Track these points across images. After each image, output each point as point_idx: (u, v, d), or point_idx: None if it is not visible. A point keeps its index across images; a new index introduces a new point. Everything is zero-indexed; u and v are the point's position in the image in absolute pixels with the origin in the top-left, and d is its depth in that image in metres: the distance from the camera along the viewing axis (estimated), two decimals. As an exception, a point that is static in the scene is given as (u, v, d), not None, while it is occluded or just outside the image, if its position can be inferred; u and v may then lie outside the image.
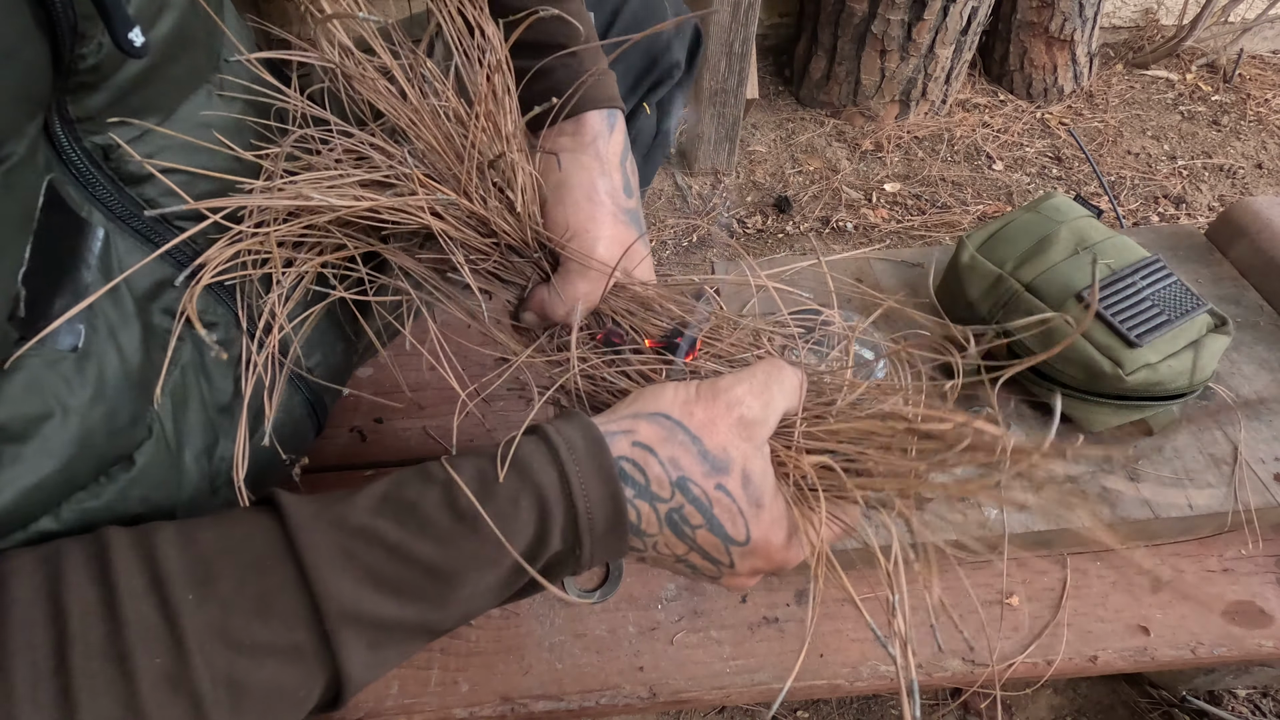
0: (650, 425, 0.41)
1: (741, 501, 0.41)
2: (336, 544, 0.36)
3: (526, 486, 0.39)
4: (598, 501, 0.39)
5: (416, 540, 0.37)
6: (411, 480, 0.39)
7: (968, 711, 1.03)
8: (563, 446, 0.40)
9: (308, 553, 0.35)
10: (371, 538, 0.37)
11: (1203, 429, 0.74)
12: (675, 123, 0.85)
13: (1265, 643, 0.65)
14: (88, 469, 0.39)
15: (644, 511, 0.40)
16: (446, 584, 0.37)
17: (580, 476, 0.39)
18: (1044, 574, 0.68)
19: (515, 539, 0.38)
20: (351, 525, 0.37)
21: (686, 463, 0.40)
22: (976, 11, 1.79)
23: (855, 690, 0.63)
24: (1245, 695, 1.04)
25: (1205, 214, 1.74)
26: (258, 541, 0.36)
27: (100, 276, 0.41)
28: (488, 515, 0.38)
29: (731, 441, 0.41)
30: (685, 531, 0.41)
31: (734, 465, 0.41)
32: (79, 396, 0.38)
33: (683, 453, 0.41)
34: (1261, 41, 2.18)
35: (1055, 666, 0.63)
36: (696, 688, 0.62)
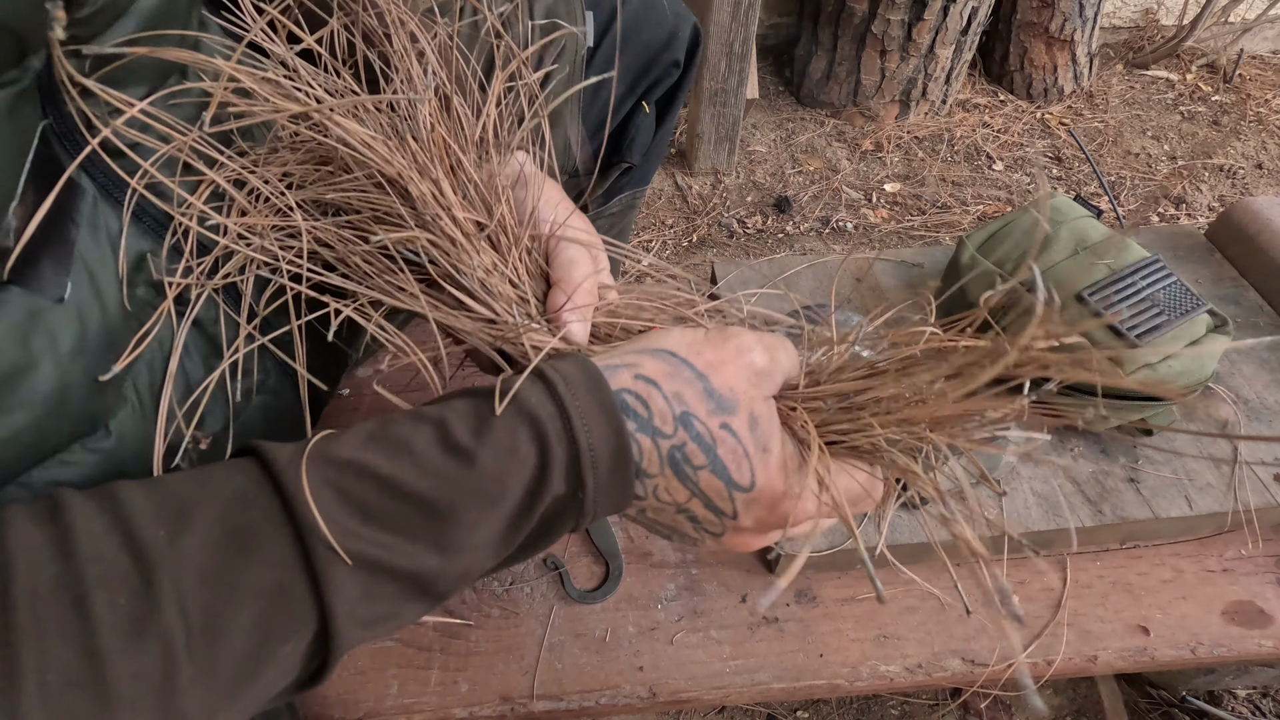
0: (655, 360, 0.39)
1: (748, 443, 0.39)
2: (323, 477, 0.34)
3: (524, 421, 0.37)
4: (600, 437, 0.37)
5: (410, 473, 0.35)
6: (400, 420, 0.37)
7: (968, 711, 1.03)
8: (560, 382, 0.38)
9: (291, 485, 0.33)
10: (361, 470, 0.34)
11: (1203, 429, 0.74)
12: (675, 122, 0.85)
13: (1265, 643, 0.65)
14: (62, 429, 0.39)
15: (645, 447, 0.38)
16: (443, 522, 0.35)
17: (580, 410, 0.37)
18: (1044, 574, 0.68)
19: (514, 476, 0.36)
20: (339, 458, 0.35)
21: (691, 398, 0.38)
22: (976, 11, 1.79)
23: (855, 690, 0.63)
24: (1245, 695, 1.04)
25: (1205, 214, 1.74)
26: (237, 480, 0.34)
27: (89, 236, 0.41)
28: (484, 450, 0.36)
29: (739, 383, 0.39)
30: (687, 472, 0.39)
31: (740, 406, 0.39)
32: (59, 348, 0.38)
33: (687, 388, 0.39)
34: (1261, 41, 2.18)
35: (1055, 666, 0.63)
36: (696, 688, 0.62)
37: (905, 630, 0.65)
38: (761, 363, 0.41)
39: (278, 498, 0.33)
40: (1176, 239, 0.95)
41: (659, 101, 0.80)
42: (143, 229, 0.45)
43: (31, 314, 0.37)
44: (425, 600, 0.37)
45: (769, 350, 0.41)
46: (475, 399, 0.38)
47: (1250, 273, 0.89)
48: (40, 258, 0.37)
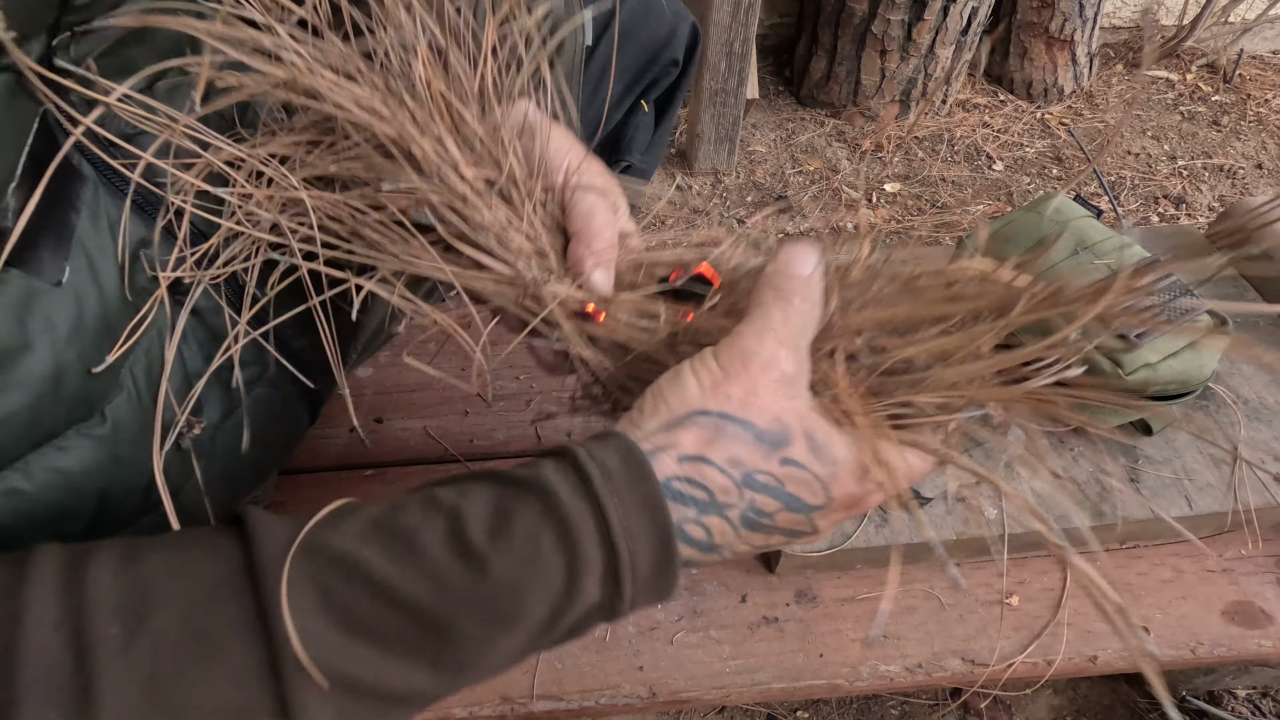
0: (691, 430, 0.35)
1: (815, 468, 0.35)
2: (308, 574, 0.30)
3: (550, 523, 0.32)
4: (642, 541, 0.32)
5: (408, 577, 0.30)
6: (412, 504, 0.33)
7: (968, 711, 1.03)
8: (597, 475, 0.33)
9: (268, 581, 0.29)
10: (353, 570, 0.30)
11: (1202, 429, 0.74)
12: (674, 121, 0.85)
13: (1265, 643, 0.65)
14: (57, 413, 0.39)
15: (714, 526, 0.35)
16: (441, 639, 0.31)
17: (621, 511, 0.32)
18: (1044, 574, 0.68)
19: (535, 592, 0.31)
20: (331, 552, 0.30)
21: (746, 455, 0.34)
22: (976, 12, 1.79)
23: (855, 690, 0.63)
24: (1245, 695, 1.04)
25: (1205, 214, 1.74)
26: (212, 566, 0.30)
27: (89, 223, 0.41)
28: (500, 556, 0.31)
29: (781, 407, 0.35)
30: (763, 523, 0.35)
31: (794, 433, 0.35)
32: (55, 331, 0.38)
33: (738, 446, 0.34)
34: (1261, 41, 2.18)
35: (1055, 666, 0.63)
36: (696, 687, 0.62)
37: (905, 630, 0.65)
38: (790, 367, 0.36)
39: (252, 598, 0.29)
40: (1176, 239, 0.95)
41: (658, 100, 0.80)
42: (145, 218, 0.45)
43: (28, 296, 0.37)
44: (412, 711, 0.33)
45: (790, 340, 0.36)
46: (499, 486, 0.33)
47: (1250, 273, 0.89)
48: (40, 241, 0.38)
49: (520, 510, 0.32)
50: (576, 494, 0.32)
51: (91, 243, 0.41)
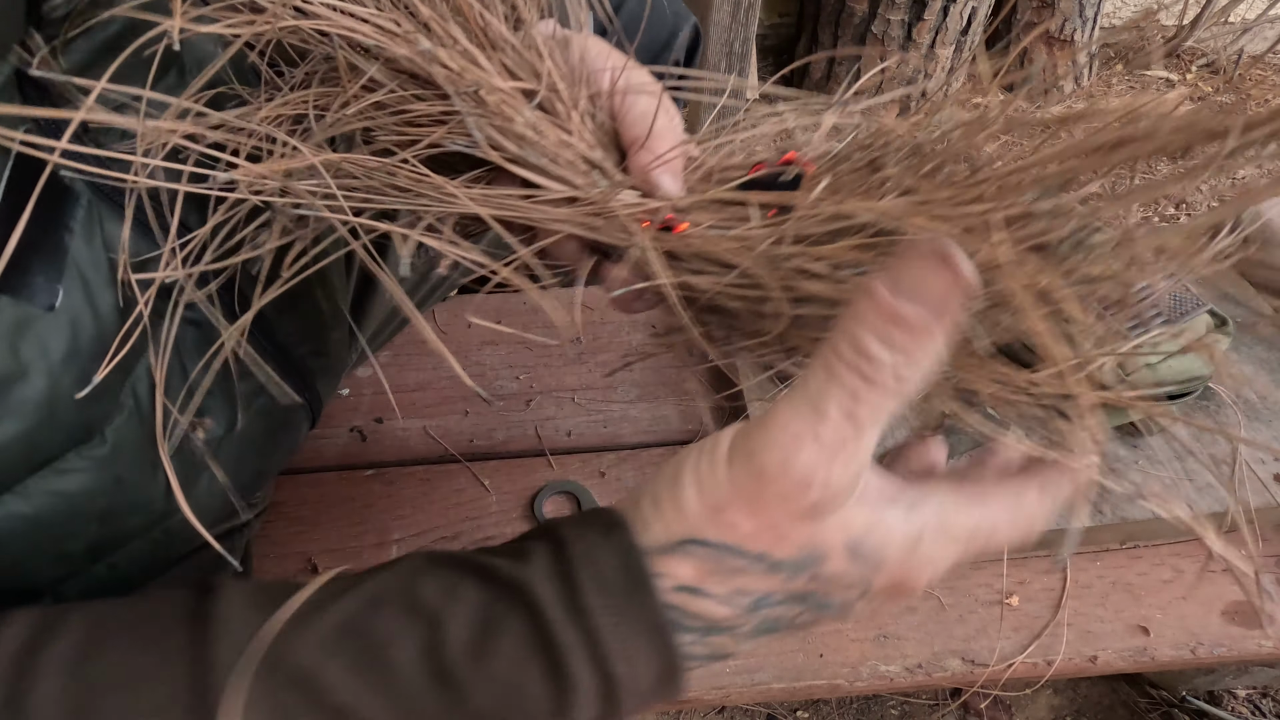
0: (684, 562, 0.28)
1: (852, 574, 0.29)
2: (268, 693, 0.27)
3: (536, 650, 0.28)
4: (643, 664, 0.28)
5: (376, 703, 0.28)
6: (390, 604, 0.29)
7: (968, 711, 1.03)
8: (592, 590, 0.28)
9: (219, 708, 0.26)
10: (312, 690, 0.27)
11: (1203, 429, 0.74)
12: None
13: (1265, 643, 0.65)
14: (54, 438, 0.39)
15: (717, 643, 0.30)
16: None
17: (615, 634, 0.28)
18: (1044, 574, 0.68)
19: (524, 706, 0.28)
20: (292, 668, 0.28)
21: (756, 584, 0.28)
22: (976, 11, 1.79)
23: (855, 690, 0.63)
24: (1245, 695, 1.04)
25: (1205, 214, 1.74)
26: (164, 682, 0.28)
27: (83, 242, 0.40)
28: (480, 682, 0.28)
29: (813, 533, 0.28)
30: (783, 626, 0.30)
31: (830, 550, 0.28)
32: (50, 356, 0.37)
33: (745, 579, 0.28)
34: (1261, 42, 2.18)
35: (1055, 667, 0.63)
36: (696, 687, 0.62)
37: (905, 630, 0.65)
38: (831, 491, 0.27)
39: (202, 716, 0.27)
40: (1176, 239, 0.95)
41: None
42: (141, 231, 0.44)
43: (21, 323, 0.36)
44: None
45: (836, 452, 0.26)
46: (487, 591, 0.29)
47: (1250, 273, 0.89)
48: (31, 265, 0.37)
49: (506, 627, 0.28)
50: (568, 613, 0.28)
51: (86, 263, 0.40)
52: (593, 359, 0.84)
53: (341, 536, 0.69)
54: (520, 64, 0.39)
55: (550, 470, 0.74)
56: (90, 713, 0.27)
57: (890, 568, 0.29)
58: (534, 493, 0.72)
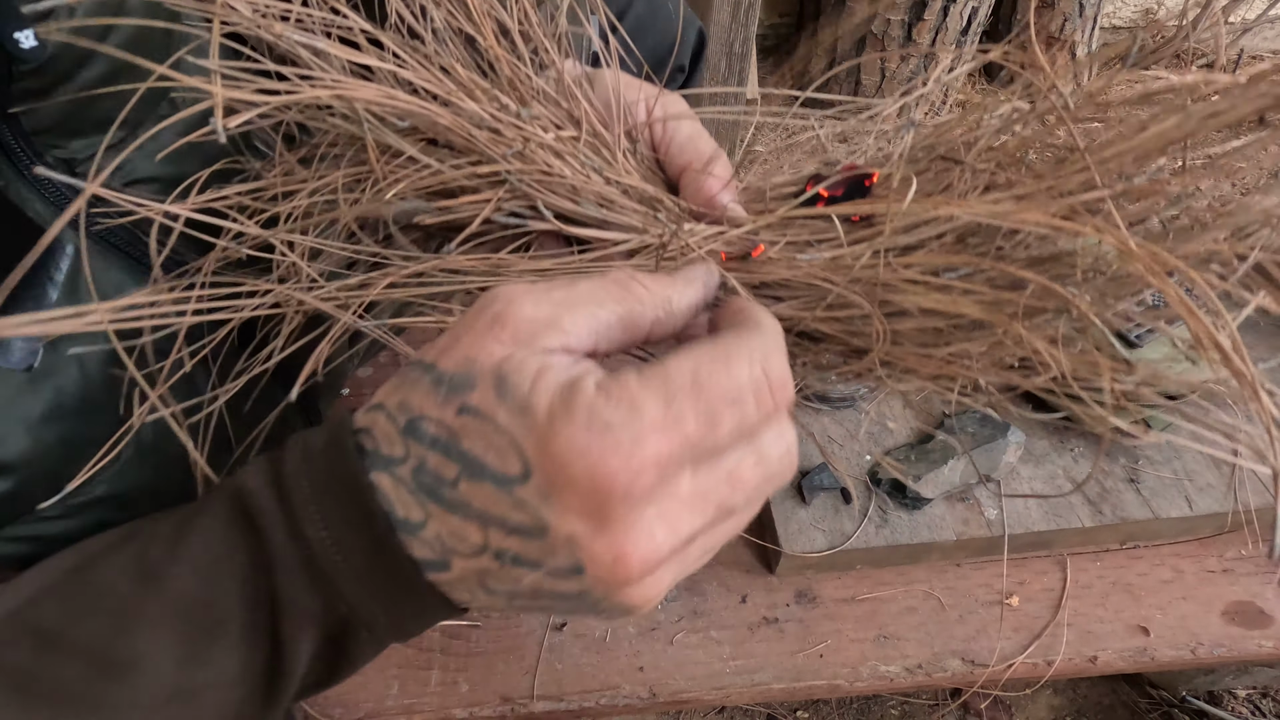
0: (390, 382, 0.28)
1: (496, 412, 0.25)
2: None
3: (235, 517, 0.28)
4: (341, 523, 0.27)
5: (78, 618, 0.27)
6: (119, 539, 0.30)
7: (968, 711, 1.03)
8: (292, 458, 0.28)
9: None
10: (22, 626, 0.27)
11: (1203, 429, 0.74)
12: None
13: (1265, 643, 0.65)
14: (37, 492, 0.38)
15: (386, 486, 0.27)
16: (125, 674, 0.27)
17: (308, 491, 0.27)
18: (1044, 574, 0.68)
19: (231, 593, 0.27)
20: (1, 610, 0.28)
21: (416, 398, 0.27)
22: (976, 12, 1.79)
23: (855, 690, 0.63)
24: (1245, 695, 1.04)
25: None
26: None
27: (67, 295, 0.38)
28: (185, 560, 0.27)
29: (480, 347, 0.26)
30: (445, 494, 0.26)
31: (480, 371, 0.26)
32: (30, 418, 0.37)
33: (411, 390, 0.27)
34: (1261, 41, 2.18)
35: (1055, 667, 0.63)
36: (696, 688, 0.62)
37: (905, 630, 0.65)
38: (525, 312, 0.27)
39: None
40: (1176, 239, 0.95)
41: None
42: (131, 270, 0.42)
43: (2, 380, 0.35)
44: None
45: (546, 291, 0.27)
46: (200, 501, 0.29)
47: (1250, 273, 0.89)
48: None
49: (206, 511, 0.28)
50: (266, 483, 0.28)
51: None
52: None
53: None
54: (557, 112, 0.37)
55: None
56: None
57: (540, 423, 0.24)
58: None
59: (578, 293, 0.28)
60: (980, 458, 0.68)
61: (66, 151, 0.40)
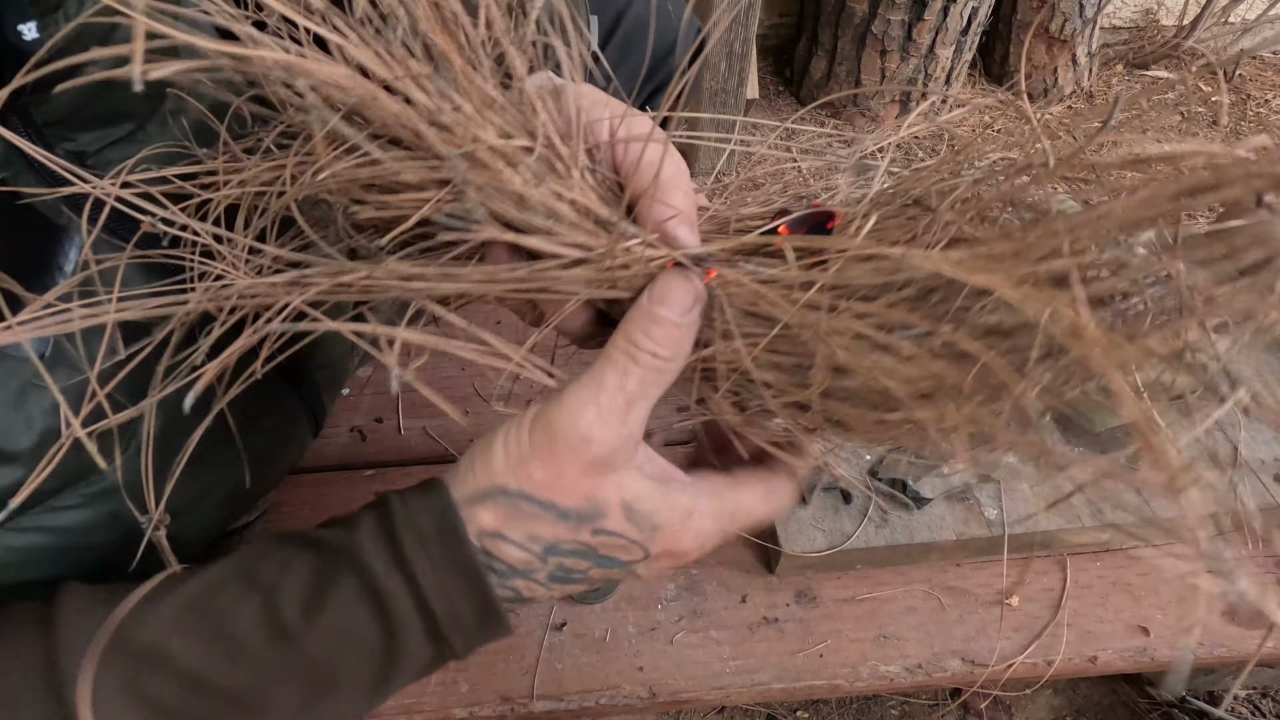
0: (487, 508, 0.34)
1: (630, 534, 0.34)
2: (118, 672, 0.30)
3: (365, 595, 0.32)
4: (461, 598, 0.33)
5: (220, 666, 0.31)
6: (230, 583, 0.33)
7: (968, 711, 1.03)
8: (410, 541, 0.33)
9: (68, 686, 0.29)
10: (160, 663, 0.31)
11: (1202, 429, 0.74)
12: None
13: (1265, 643, 0.65)
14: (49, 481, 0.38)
15: (520, 586, 0.35)
16: (260, 715, 0.32)
17: (436, 575, 0.33)
18: (1044, 574, 0.68)
19: (353, 660, 0.32)
20: (137, 646, 0.31)
21: (547, 530, 0.34)
22: (977, 12, 1.79)
23: (855, 690, 0.63)
24: (1245, 695, 1.04)
25: (1204, 214, 1.74)
26: (16, 672, 0.30)
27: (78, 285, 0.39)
28: (313, 635, 0.31)
29: (593, 485, 0.33)
30: (575, 578, 0.36)
31: (608, 506, 0.34)
32: (44, 403, 0.37)
33: (537, 524, 0.33)
34: (1262, 42, 2.18)
35: (1055, 667, 0.63)
36: (696, 688, 0.62)
37: (905, 630, 0.65)
38: (608, 447, 0.33)
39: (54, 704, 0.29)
40: (1176, 239, 0.95)
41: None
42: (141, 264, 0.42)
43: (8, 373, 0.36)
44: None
45: (612, 418, 0.33)
46: (319, 559, 0.34)
47: (1250, 273, 0.89)
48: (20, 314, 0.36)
49: (335, 587, 0.33)
50: (390, 566, 0.33)
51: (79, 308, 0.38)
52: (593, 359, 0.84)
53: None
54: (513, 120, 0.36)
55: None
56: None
57: (664, 535, 0.34)
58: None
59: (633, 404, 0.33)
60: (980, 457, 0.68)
61: (76, 145, 0.40)
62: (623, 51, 0.72)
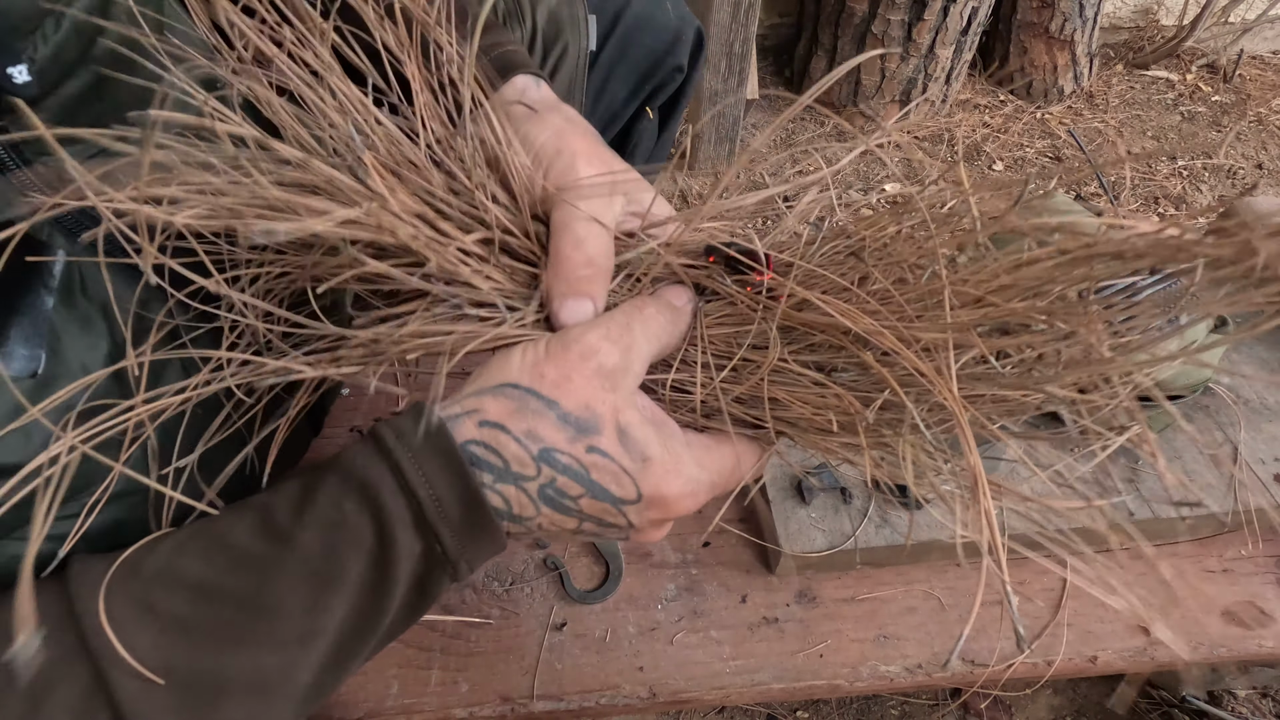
0: (496, 399, 0.36)
1: (622, 459, 0.36)
2: (129, 594, 0.32)
3: (351, 488, 0.34)
4: (445, 486, 0.34)
5: (224, 571, 0.33)
6: (226, 513, 0.36)
7: (968, 711, 1.03)
8: (390, 436, 0.35)
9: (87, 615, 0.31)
10: (171, 579, 0.33)
11: (1203, 429, 0.74)
12: (677, 127, 0.85)
13: (1265, 643, 0.65)
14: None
15: (511, 495, 0.36)
16: (271, 616, 0.33)
17: (416, 462, 0.34)
18: (1044, 574, 0.68)
19: (349, 548, 0.34)
20: (147, 571, 0.33)
21: (546, 431, 0.35)
22: (976, 12, 1.79)
23: (855, 690, 0.63)
24: (1245, 695, 1.04)
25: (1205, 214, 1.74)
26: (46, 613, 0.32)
27: (62, 301, 0.39)
28: (304, 529, 0.33)
29: (594, 395, 0.36)
30: (566, 504, 0.36)
31: (604, 421, 0.36)
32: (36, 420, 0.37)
33: (539, 422, 0.35)
34: (1261, 42, 2.18)
35: (1055, 667, 0.63)
36: (696, 688, 0.62)
37: (905, 630, 0.65)
38: (613, 360, 0.37)
39: (74, 632, 0.31)
40: (1176, 239, 0.95)
41: (662, 107, 0.80)
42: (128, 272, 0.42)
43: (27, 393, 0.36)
44: (292, 701, 0.35)
45: (620, 339, 0.38)
46: (306, 475, 0.36)
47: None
48: (8, 336, 0.36)
49: (322, 485, 0.34)
50: (373, 456, 0.35)
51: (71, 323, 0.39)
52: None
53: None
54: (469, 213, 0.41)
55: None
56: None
57: (654, 471, 0.36)
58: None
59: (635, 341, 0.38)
60: (980, 458, 0.68)
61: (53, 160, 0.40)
62: (622, 50, 0.72)
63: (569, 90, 0.67)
